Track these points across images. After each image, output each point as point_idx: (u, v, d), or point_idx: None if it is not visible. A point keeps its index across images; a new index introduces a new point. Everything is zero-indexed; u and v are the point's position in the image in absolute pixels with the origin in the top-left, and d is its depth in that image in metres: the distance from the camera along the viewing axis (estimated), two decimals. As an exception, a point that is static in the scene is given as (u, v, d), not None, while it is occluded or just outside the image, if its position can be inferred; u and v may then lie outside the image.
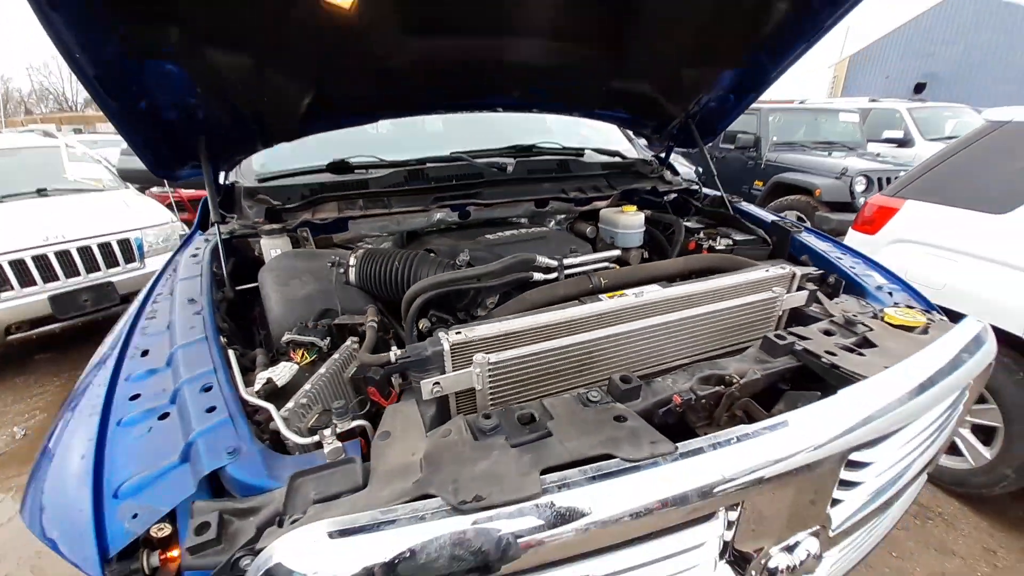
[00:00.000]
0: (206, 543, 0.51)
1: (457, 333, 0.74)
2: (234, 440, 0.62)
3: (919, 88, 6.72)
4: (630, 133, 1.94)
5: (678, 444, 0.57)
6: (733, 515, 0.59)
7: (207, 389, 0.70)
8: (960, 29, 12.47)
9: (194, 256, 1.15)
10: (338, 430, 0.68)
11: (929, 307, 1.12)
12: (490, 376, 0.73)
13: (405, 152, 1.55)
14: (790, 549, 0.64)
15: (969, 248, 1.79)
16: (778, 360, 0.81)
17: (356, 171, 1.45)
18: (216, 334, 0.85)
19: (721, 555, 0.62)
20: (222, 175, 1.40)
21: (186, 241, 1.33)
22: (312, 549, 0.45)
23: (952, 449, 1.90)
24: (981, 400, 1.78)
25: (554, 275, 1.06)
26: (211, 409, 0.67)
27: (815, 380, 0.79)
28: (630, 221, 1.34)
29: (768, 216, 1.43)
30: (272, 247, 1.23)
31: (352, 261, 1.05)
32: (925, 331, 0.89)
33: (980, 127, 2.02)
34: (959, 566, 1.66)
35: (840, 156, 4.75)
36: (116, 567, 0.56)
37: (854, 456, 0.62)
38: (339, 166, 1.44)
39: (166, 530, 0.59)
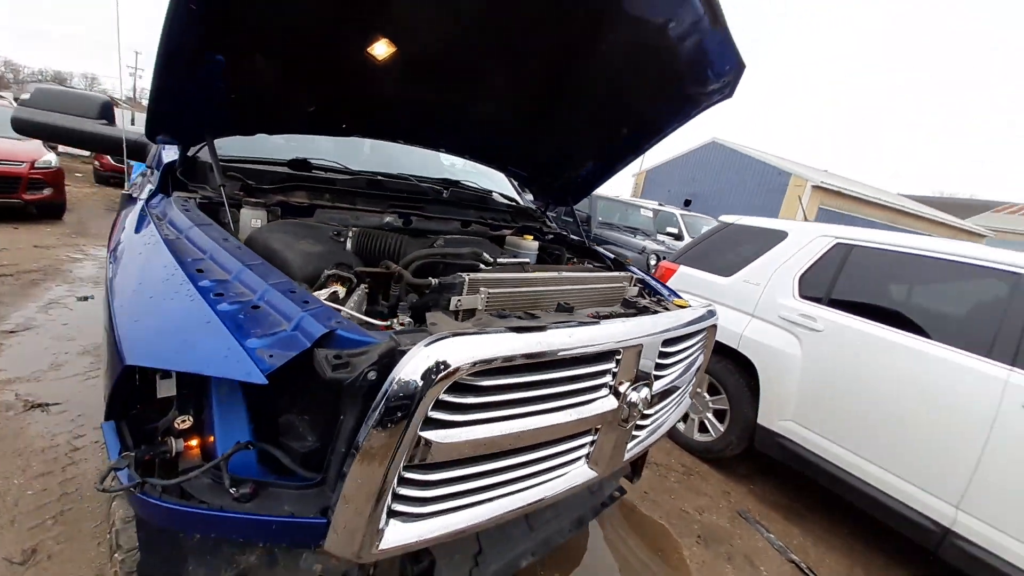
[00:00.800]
0: (337, 366, 0.81)
1: (471, 275, 1.15)
2: (335, 316, 0.91)
3: (687, 202, 9.81)
4: (517, 185, 2.60)
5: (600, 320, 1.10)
6: (614, 365, 1.12)
7: (292, 291, 0.96)
8: (712, 166, 17.85)
9: (186, 211, 1.29)
10: (402, 319, 1.04)
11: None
12: (486, 300, 1.16)
13: (347, 162, 1.90)
14: (637, 389, 1.20)
15: (712, 295, 2.87)
16: (624, 308, 1.43)
17: (314, 171, 1.73)
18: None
19: (609, 389, 1.14)
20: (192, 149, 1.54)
21: (151, 200, 1.42)
22: (449, 344, 0.79)
23: (703, 428, 2.87)
24: (717, 392, 2.79)
25: (490, 266, 1.54)
26: (305, 301, 0.93)
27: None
28: (530, 245, 1.92)
29: (610, 255, 2.18)
30: (253, 217, 1.43)
31: (350, 234, 1.36)
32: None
33: (716, 226, 3.26)
34: (707, 501, 2.52)
35: (641, 238, 6.50)
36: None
37: (663, 349, 1.23)
38: (300, 164, 1.71)
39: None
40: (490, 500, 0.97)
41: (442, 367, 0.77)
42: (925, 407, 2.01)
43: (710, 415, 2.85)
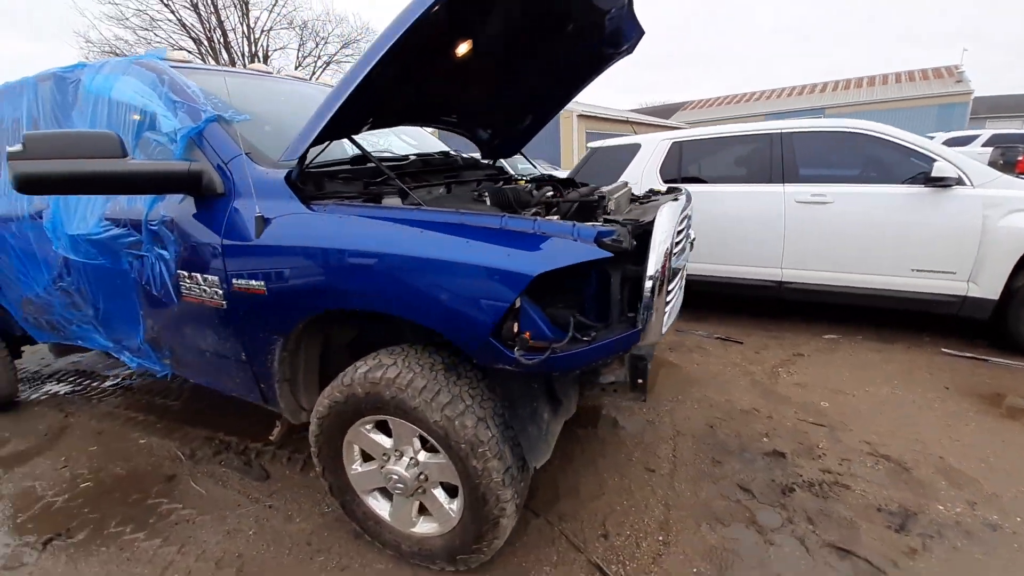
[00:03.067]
0: (618, 243, 1.38)
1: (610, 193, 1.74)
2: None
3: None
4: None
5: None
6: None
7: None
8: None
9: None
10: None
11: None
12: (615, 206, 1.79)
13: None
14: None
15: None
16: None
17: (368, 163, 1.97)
18: None
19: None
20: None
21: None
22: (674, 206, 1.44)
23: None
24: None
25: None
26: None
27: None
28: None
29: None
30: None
31: (486, 195, 1.76)
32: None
33: (588, 152, 4.28)
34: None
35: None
36: None
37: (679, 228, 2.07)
38: (359, 159, 1.95)
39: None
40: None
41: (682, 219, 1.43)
42: (751, 220, 3.41)
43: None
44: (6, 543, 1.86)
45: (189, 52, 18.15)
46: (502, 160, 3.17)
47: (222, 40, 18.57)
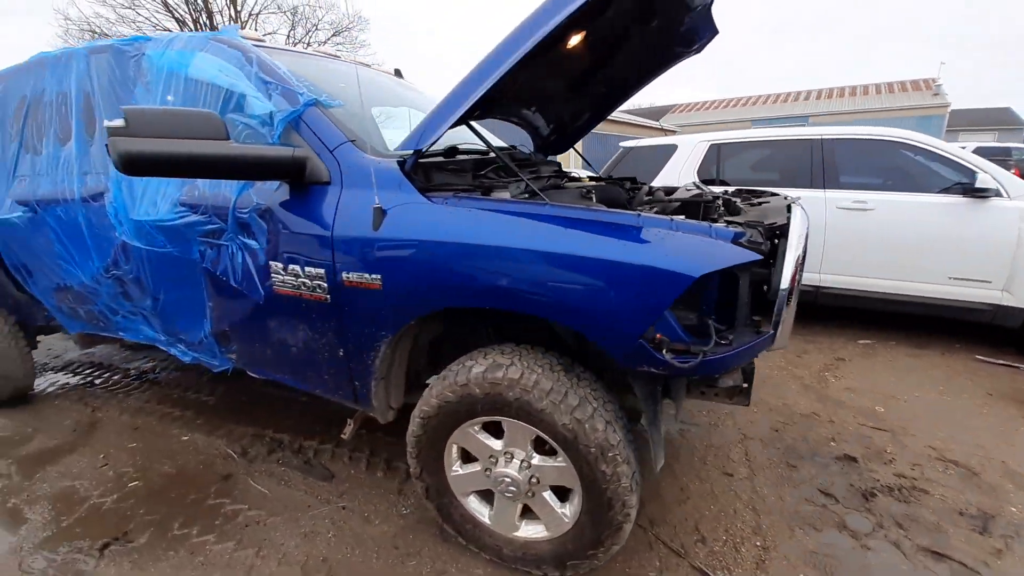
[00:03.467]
0: (756, 245, 1.34)
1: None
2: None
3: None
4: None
5: None
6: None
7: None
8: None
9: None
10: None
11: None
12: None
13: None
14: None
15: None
16: None
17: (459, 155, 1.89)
18: None
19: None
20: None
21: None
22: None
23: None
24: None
25: None
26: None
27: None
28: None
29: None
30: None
31: (592, 192, 1.71)
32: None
33: (621, 151, 4.25)
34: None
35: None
36: None
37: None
38: (450, 151, 1.87)
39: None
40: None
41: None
42: (791, 226, 3.43)
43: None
44: (56, 551, 1.73)
45: (171, 32, 17.49)
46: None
47: (207, 23, 17.93)
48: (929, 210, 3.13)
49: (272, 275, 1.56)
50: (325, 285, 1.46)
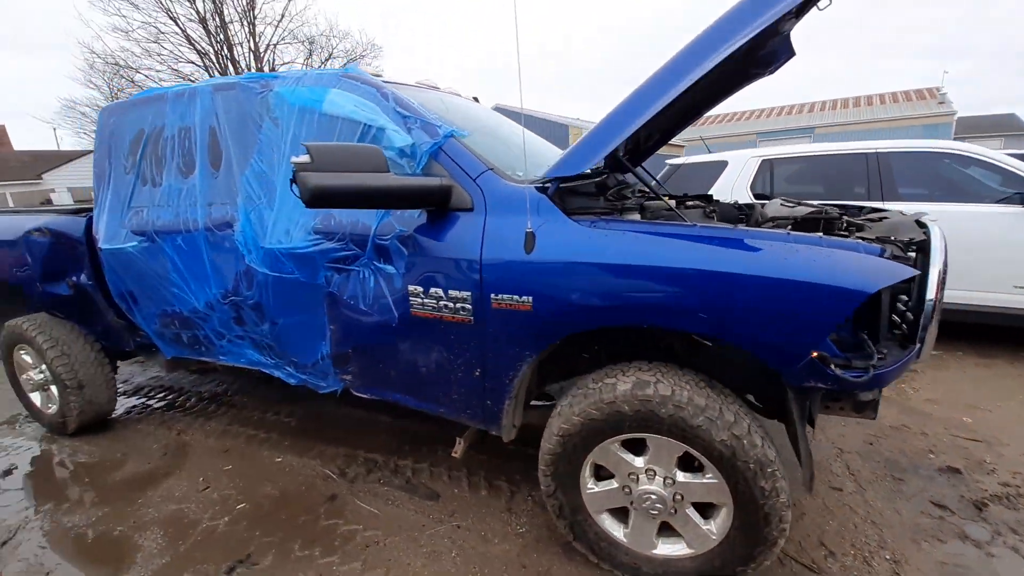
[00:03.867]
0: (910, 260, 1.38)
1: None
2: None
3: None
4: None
5: None
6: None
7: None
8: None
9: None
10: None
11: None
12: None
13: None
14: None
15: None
16: None
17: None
18: None
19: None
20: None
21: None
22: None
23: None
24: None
25: None
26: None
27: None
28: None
29: None
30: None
31: (712, 211, 1.78)
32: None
33: (669, 168, 4.33)
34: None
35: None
36: None
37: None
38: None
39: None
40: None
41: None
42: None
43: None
44: (179, 574, 1.76)
45: (194, 64, 18.05)
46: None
47: (228, 54, 18.47)
48: (990, 220, 3.17)
49: (410, 298, 1.62)
50: (470, 307, 1.51)
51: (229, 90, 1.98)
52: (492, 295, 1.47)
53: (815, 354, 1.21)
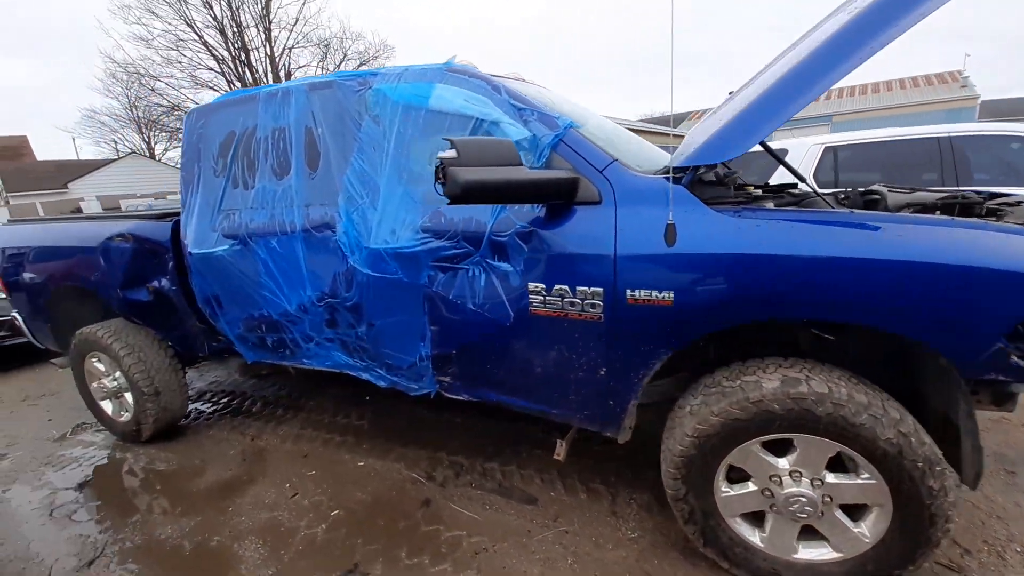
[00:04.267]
0: None
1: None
2: None
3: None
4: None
5: None
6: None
7: None
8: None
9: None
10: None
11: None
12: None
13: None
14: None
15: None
16: None
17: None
18: None
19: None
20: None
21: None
22: None
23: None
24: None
25: None
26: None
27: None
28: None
29: None
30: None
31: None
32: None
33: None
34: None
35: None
36: None
37: None
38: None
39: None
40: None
41: None
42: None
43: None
44: (294, 583, 1.72)
45: (213, 71, 18.22)
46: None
47: (245, 59, 18.63)
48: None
49: (529, 296, 1.56)
50: (600, 304, 1.46)
51: (325, 88, 1.93)
52: (627, 291, 1.41)
53: (1002, 346, 1.14)
